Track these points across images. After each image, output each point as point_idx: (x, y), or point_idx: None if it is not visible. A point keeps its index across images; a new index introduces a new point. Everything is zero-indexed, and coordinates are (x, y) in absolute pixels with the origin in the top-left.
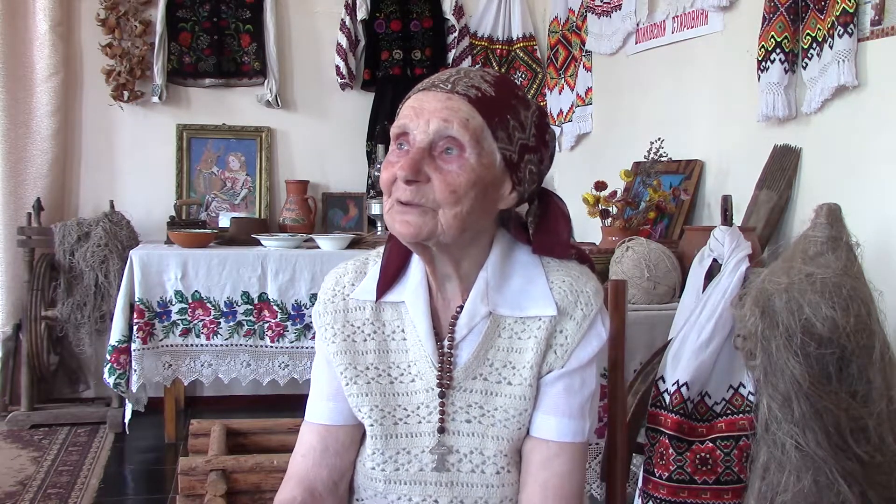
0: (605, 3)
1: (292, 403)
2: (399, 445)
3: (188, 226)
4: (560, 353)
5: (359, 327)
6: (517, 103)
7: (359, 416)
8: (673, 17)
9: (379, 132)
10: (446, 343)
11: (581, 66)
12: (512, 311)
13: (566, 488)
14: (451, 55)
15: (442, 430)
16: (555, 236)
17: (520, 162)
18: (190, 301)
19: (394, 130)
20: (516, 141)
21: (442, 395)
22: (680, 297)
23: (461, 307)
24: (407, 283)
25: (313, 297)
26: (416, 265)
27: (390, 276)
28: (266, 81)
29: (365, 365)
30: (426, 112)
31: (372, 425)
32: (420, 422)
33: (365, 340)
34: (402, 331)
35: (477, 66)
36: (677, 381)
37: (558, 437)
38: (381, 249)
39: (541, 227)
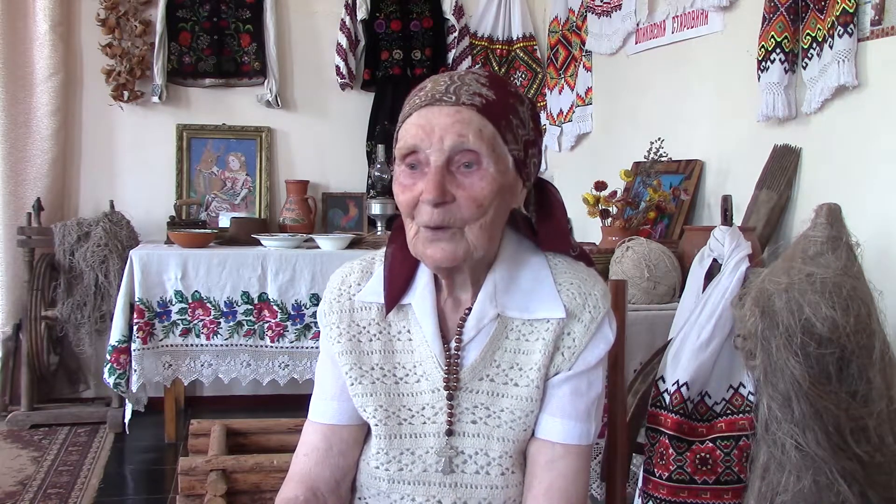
0: (605, 3)
1: (292, 403)
2: (403, 446)
3: (188, 226)
4: (567, 355)
5: (364, 327)
6: (515, 101)
7: (364, 415)
8: (673, 17)
9: (379, 132)
10: (453, 345)
11: (581, 66)
12: (520, 313)
13: (570, 490)
14: (451, 55)
15: (450, 433)
16: (556, 224)
17: (526, 158)
18: (190, 301)
19: (400, 150)
20: (521, 139)
21: (450, 398)
22: (680, 297)
23: (469, 309)
24: (414, 286)
25: (313, 297)
26: (423, 267)
27: (399, 287)
28: (266, 81)
29: (370, 365)
30: (437, 129)
31: (377, 425)
32: (425, 422)
33: (370, 340)
34: (408, 331)
35: (466, 69)
36: (677, 381)
37: (564, 439)
38: (385, 251)
39: (541, 216)
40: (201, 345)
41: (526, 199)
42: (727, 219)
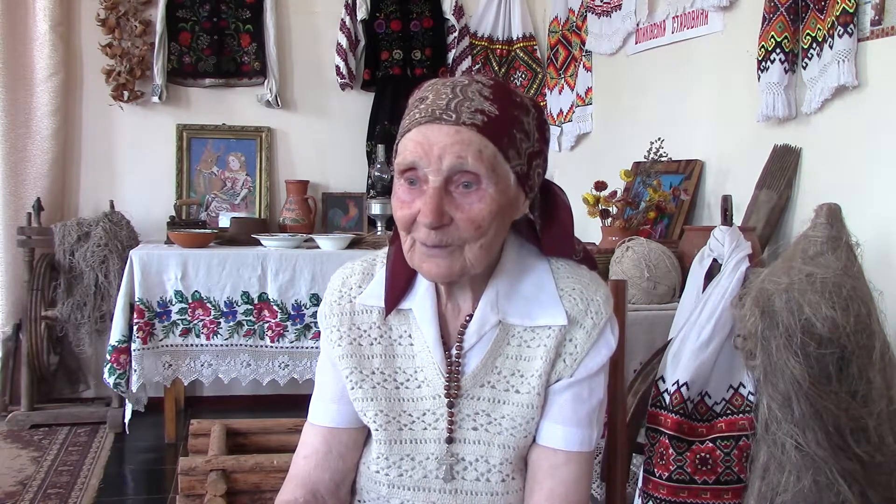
0: (605, 3)
1: (292, 403)
2: (403, 451)
3: (188, 226)
4: (569, 361)
5: (365, 331)
6: (519, 113)
7: (364, 420)
8: (673, 17)
9: (379, 132)
10: (454, 351)
11: (581, 66)
12: (522, 319)
13: (572, 497)
14: (451, 55)
15: (451, 440)
16: (560, 228)
17: (529, 171)
18: (190, 301)
19: (399, 165)
20: (524, 153)
21: (451, 406)
22: (680, 297)
23: (470, 315)
24: (414, 291)
25: (313, 297)
26: None
27: (400, 290)
28: (266, 81)
29: (371, 369)
30: (436, 149)
31: (377, 430)
32: (425, 428)
33: (371, 344)
34: (409, 336)
35: (470, 76)
36: (677, 381)
37: (565, 446)
38: (387, 251)
39: (546, 219)
40: (201, 345)
41: (530, 203)
42: (727, 219)
